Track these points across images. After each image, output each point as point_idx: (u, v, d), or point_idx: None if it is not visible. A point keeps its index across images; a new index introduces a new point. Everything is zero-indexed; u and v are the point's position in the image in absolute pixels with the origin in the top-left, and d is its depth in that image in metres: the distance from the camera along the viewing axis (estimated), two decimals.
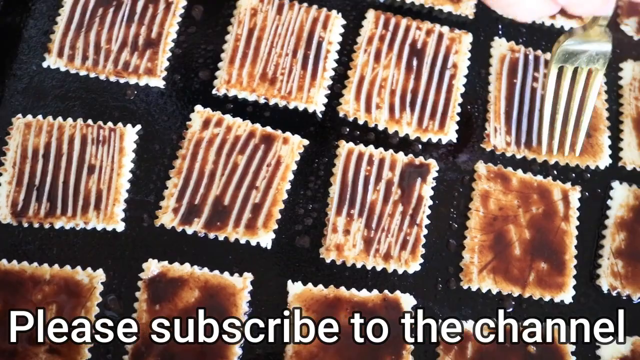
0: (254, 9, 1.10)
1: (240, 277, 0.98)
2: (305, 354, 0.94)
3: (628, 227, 1.03)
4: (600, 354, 0.98)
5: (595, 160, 1.07)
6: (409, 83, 1.09)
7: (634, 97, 1.10)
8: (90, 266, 0.98)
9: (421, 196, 1.03)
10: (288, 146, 1.04)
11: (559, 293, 1.00)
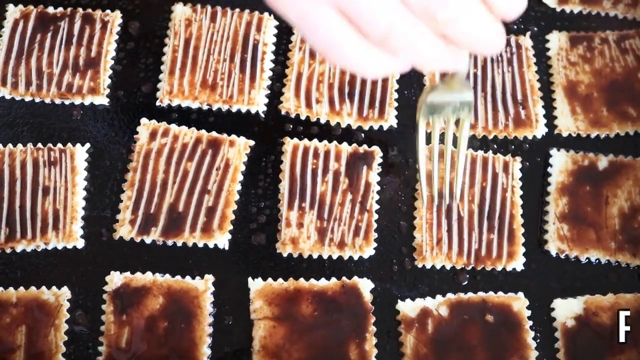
0: (188, 19, 1.13)
1: (202, 280, 1.01)
2: (271, 347, 0.97)
3: (569, 191, 1.06)
4: (554, 316, 1.01)
5: (532, 131, 1.10)
6: (346, 75, 1.11)
7: (562, 67, 1.14)
8: (55, 285, 1.00)
9: (368, 183, 1.06)
10: (235, 148, 1.07)
11: (511, 262, 1.03)
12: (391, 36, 0.66)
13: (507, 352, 0.98)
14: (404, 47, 0.68)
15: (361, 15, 0.65)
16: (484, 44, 0.70)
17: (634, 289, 1.02)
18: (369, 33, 0.66)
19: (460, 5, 0.65)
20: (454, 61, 0.73)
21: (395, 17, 0.65)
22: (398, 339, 0.99)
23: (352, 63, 0.69)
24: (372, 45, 0.68)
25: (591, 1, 1.19)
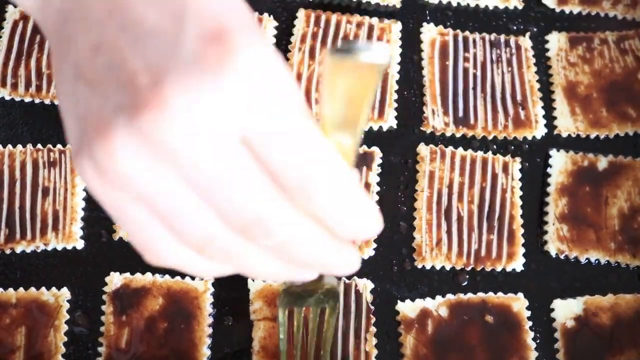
0: None
1: (202, 281, 1.02)
2: (271, 347, 0.98)
3: (569, 191, 1.07)
4: (554, 316, 1.02)
5: (531, 131, 1.11)
6: None
7: (561, 67, 1.15)
8: (55, 286, 1.01)
9: (368, 183, 1.07)
10: None
11: (510, 262, 1.04)
12: (208, 249, 0.59)
13: (506, 353, 0.99)
14: (225, 260, 0.61)
15: (172, 223, 0.57)
16: (330, 266, 0.62)
17: (634, 289, 1.04)
18: (185, 240, 0.58)
19: (287, 230, 0.57)
20: (297, 275, 0.65)
21: (209, 231, 0.57)
22: (398, 340, 1.00)
23: (170, 265, 0.62)
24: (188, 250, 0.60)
25: (591, 2, 1.20)
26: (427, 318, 1.01)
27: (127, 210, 0.57)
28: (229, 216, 0.55)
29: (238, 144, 0.53)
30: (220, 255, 0.59)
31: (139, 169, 0.53)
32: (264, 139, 0.53)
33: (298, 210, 0.57)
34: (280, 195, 0.55)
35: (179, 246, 0.59)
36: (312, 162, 0.54)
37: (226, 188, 0.54)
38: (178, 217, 0.56)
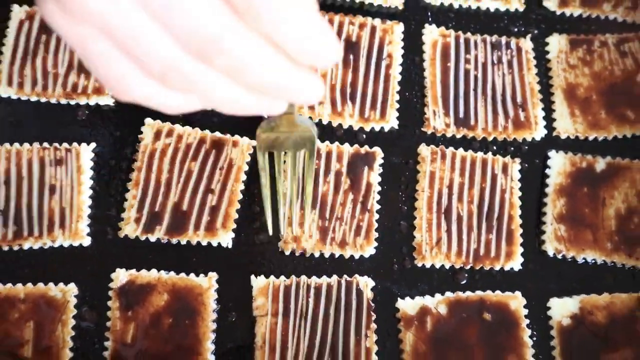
0: None
1: (206, 277, 1.04)
2: (274, 342, 1.01)
3: (567, 192, 1.10)
4: (551, 314, 1.05)
5: (531, 133, 1.13)
6: (348, 77, 1.14)
7: (561, 69, 1.17)
8: (62, 281, 1.04)
9: (370, 183, 1.09)
10: (238, 149, 1.10)
11: (508, 261, 1.06)
12: (169, 78, 0.62)
13: (504, 350, 1.01)
14: (187, 88, 0.63)
15: (135, 52, 0.60)
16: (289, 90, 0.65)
17: (629, 289, 1.06)
18: (147, 70, 0.61)
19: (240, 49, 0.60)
20: (263, 107, 0.68)
21: (169, 58, 0.60)
22: (398, 337, 1.03)
23: (138, 99, 0.65)
24: (153, 82, 0.63)
25: (591, 4, 1.22)
26: (426, 315, 1.03)
27: (92, 45, 0.61)
28: (184, 38, 0.58)
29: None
30: (182, 83, 0.62)
31: (99, 1, 0.56)
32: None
33: (251, 30, 0.59)
34: (233, 16, 0.58)
35: (143, 78, 0.62)
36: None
37: (177, 9, 0.57)
38: (138, 46, 0.59)
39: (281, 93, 0.65)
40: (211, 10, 0.57)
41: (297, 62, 0.63)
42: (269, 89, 0.64)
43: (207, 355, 1.01)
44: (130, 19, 0.58)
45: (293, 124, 0.82)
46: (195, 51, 0.59)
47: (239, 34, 0.59)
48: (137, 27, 0.58)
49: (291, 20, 0.59)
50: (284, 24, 0.59)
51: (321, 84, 0.67)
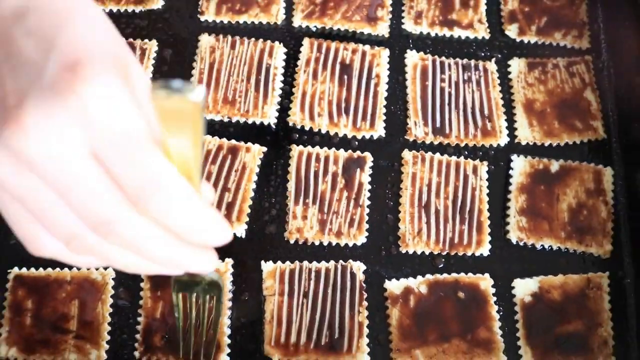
0: (212, 47, 1.13)
1: (223, 262, 1.00)
2: (280, 318, 0.97)
3: (527, 190, 1.06)
4: (515, 293, 1.00)
5: (496, 140, 1.09)
6: (342, 93, 1.11)
7: (521, 87, 1.13)
8: (102, 266, 0.97)
9: (361, 183, 1.05)
10: (250, 154, 1.06)
11: (479, 248, 1.02)
12: (73, 243, 0.57)
13: (475, 323, 0.98)
14: (88, 253, 0.58)
15: (41, 219, 0.56)
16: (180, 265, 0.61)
17: (580, 270, 1.02)
18: (55, 235, 0.57)
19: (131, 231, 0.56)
20: (158, 269, 0.62)
21: (72, 228, 0.56)
22: (385, 312, 0.99)
23: (46, 255, 0.60)
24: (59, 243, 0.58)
25: (545, 33, 1.18)
26: (409, 294, 0.99)
27: (6, 207, 0.57)
28: (82, 216, 0.55)
29: (87, 156, 0.52)
30: (84, 249, 0.57)
31: (5, 174, 0.53)
32: (107, 153, 0.52)
33: (143, 216, 0.55)
34: (125, 202, 0.54)
35: (52, 239, 0.57)
36: (146, 173, 0.53)
37: (75, 192, 0.53)
38: (45, 215, 0.55)
39: (175, 266, 0.61)
40: (105, 197, 0.54)
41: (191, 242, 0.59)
42: (162, 263, 0.60)
43: (224, 329, 0.97)
44: (35, 192, 0.54)
45: (199, 276, 0.75)
46: (93, 228, 0.55)
47: (130, 219, 0.55)
48: (42, 199, 0.54)
49: (176, 211, 0.55)
50: (170, 214, 0.55)
51: (213, 256, 0.63)
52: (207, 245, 0.60)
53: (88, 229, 0.55)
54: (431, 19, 1.18)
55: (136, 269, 0.61)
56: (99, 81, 0.52)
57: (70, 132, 0.51)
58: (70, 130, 0.51)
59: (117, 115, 0.52)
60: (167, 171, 0.54)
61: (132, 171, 0.53)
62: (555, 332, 0.98)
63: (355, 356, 0.96)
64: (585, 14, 1.19)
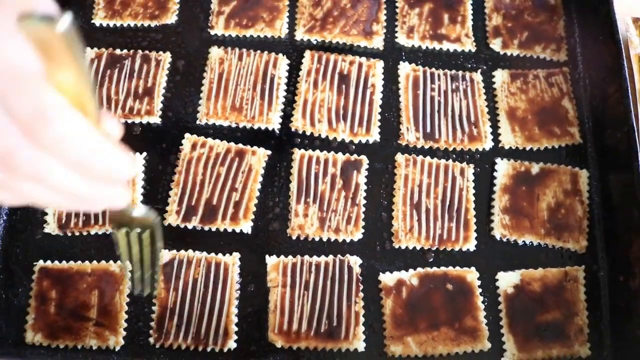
0: (221, 58, 1.13)
1: (231, 256, 1.00)
2: (283, 307, 0.97)
3: (510, 190, 1.06)
4: (498, 285, 1.00)
5: (482, 144, 1.09)
6: (341, 101, 1.11)
7: (505, 96, 1.13)
8: (120, 259, 0.99)
9: (358, 183, 1.05)
10: (256, 157, 1.06)
11: (465, 244, 1.03)
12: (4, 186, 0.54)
13: (462, 312, 0.98)
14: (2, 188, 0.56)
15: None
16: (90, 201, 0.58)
17: (558, 264, 1.02)
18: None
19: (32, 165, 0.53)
20: (76, 206, 0.60)
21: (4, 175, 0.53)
22: (380, 303, 0.99)
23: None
24: None
25: (526, 47, 1.18)
26: (402, 286, 0.99)
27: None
28: None
29: None
30: (15, 191, 0.55)
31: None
32: (6, 94, 0.50)
33: (40, 149, 0.52)
34: (23, 135, 0.51)
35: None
36: (35, 105, 0.50)
37: None
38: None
39: (86, 203, 0.58)
40: (6, 132, 0.51)
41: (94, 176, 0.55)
42: (72, 197, 0.56)
43: (232, 317, 0.97)
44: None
45: (126, 215, 0.72)
46: None
47: (26, 150, 0.51)
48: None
49: (69, 142, 0.52)
50: (65, 146, 0.52)
51: (123, 190, 0.60)
52: (113, 179, 0.56)
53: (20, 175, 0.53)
54: (422, 34, 1.18)
55: (52, 203, 0.57)
56: None
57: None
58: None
59: (11, 64, 0.50)
60: (54, 102, 0.50)
61: (21, 103, 0.50)
62: (536, 320, 0.98)
63: (352, 343, 0.96)
64: (562, 29, 1.19)
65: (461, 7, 1.20)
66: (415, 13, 1.19)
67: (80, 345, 0.95)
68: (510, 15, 1.20)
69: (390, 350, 0.96)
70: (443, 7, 1.20)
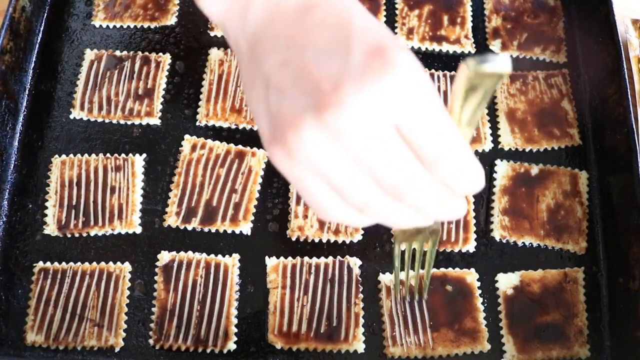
0: (221, 60, 1.13)
1: (230, 257, 1.00)
2: (282, 308, 0.97)
3: (509, 191, 1.06)
4: (498, 286, 1.00)
5: (481, 145, 1.09)
6: None
7: (504, 97, 1.13)
8: (119, 261, 1.00)
9: None
10: (256, 158, 1.06)
11: (465, 245, 1.02)
12: (366, 209, 0.61)
13: (462, 314, 0.97)
14: (378, 217, 0.64)
15: (342, 192, 0.59)
16: (448, 215, 0.64)
17: (558, 266, 1.02)
18: (349, 203, 0.60)
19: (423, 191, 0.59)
20: (423, 222, 0.66)
21: (369, 197, 0.59)
22: (379, 303, 0.98)
23: (332, 219, 0.64)
24: (350, 208, 0.62)
25: (526, 48, 1.17)
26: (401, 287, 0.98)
27: (307, 182, 0.59)
28: (384, 183, 0.57)
29: (392, 130, 0.55)
30: (373, 212, 0.61)
31: (320, 151, 0.55)
32: (411, 126, 0.55)
33: (431, 177, 0.58)
34: (421, 167, 0.57)
35: (343, 206, 0.61)
36: (445, 142, 0.56)
37: (383, 162, 0.56)
38: (346, 186, 0.58)
39: (444, 217, 0.65)
40: (407, 164, 0.57)
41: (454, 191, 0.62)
42: (436, 215, 0.63)
43: (232, 318, 0.97)
44: (342, 166, 0.57)
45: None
46: (391, 193, 0.59)
47: (424, 181, 0.58)
48: (347, 172, 0.57)
49: (464, 168, 0.59)
50: (459, 171, 0.59)
51: (464, 205, 0.66)
52: (465, 194, 0.63)
53: (384, 196, 0.59)
54: (422, 35, 1.17)
55: (404, 223, 0.64)
56: (407, 62, 0.54)
57: (382, 109, 0.53)
58: (382, 107, 0.53)
59: (422, 92, 0.54)
60: (459, 141, 0.57)
61: (431, 142, 0.56)
62: (535, 322, 0.98)
63: (352, 344, 0.95)
64: (562, 31, 1.19)
65: (461, 9, 1.20)
66: (414, 14, 1.19)
67: (80, 347, 0.95)
68: (510, 16, 1.20)
69: (390, 352, 0.95)
70: (443, 9, 1.19)
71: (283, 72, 0.57)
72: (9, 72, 1.08)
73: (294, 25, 0.59)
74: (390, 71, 0.53)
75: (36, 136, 1.09)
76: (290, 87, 0.56)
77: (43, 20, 1.17)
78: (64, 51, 1.15)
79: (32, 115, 1.10)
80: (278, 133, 0.57)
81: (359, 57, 0.54)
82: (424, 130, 0.55)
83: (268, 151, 0.59)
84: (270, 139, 0.58)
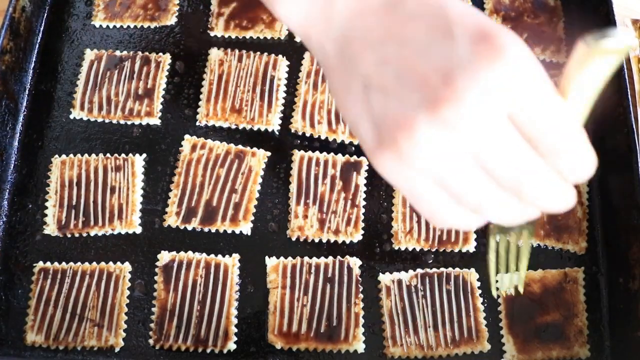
0: (221, 59, 1.13)
1: (230, 257, 1.00)
2: (282, 308, 0.97)
3: None
4: (499, 286, 0.98)
5: None
6: None
7: None
8: (119, 261, 1.00)
9: (357, 185, 1.05)
10: (256, 158, 1.06)
11: (465, 245, 1.02)
12: (481, 209, 0.56)
13: (461, 314, 0.97)
14: (492, 216, 0.58)
15: (459, 193, 0.55)
16: (561, 206, 0.59)
17: (558, 266, 1.01)
18: (463, 205, 0.56)
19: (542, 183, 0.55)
20: (533, 216, 0.62)
21: (486, 195, 0.55)
22: (379, 303, 0.98)
23: (448, 224, 0.59)
24: (465, 211, 0.58)
25: None
26: (401, 287, 0.99)
27: (420, 187, 0.55)
28: (503, 178, 0.54)
29: (507, 120, 0.51)
30: (488, 211, 0.57)
31: (436, 151, 0.52)
32: (528, 114, 0.51)
33: (548, 167, 0.55)
34: (539, 158, 0.54)
35: (459, 209, 0.57)
36: (564, 130, 0.53)
37: (503, 156, 0.52)
38: (464, 186, 0.54)
39: (556, 208, 0.59)
40: (525, 154, 0.53)
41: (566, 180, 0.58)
42: (548, 207, 0.58)
43: (232, 318, 0.97)
44: (457, 165, 0.53)
45: None
46: (509, 187, 0.54)
47: (543, 171, 0.54)
48: (462, 171, 0.53)
49: (579, 155, 0.55)
50: (574, 158, 0.55)
51: (574, 192, 0.60)
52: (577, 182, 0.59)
53: (500, 192, 0.55)
54: None
55: (516, 218, 0.59)
56: (516, 46, 0.51)
57: (497, 98, 0.50)
58: (497, 95, 0.50)
59: (534, 77, 0.51)
60: (577, 127, 0.54)
61: (549, 130, 0.52)
62: (535, 322, 0.98)
63: (352, 344, 0.95)
64: (562, 31, 1.19)
65: None
66: None
67: (80, 347, 0.95)
68: (510, 16, 1.20)
69: (390, 352, 0.95)
70: None
71: (383, 71, 0.54)
72: (9, 72, 1.08)
73: (386, 19, 0.55)
74: (501, 57, 0.50)
75: (36, 136, 1.09)
76: (394, 86, 0.53)
77: (43, 20, 1.17)
78: (64, 51, 1.15)
79: (32, 115, 1.10)
80: (386, 137, 0.53)
81: (465, 45, 0.51)
82: (541, 118, 0.52)
83: (373, 159, 0.55)
84: (377, 145, 0.54)
